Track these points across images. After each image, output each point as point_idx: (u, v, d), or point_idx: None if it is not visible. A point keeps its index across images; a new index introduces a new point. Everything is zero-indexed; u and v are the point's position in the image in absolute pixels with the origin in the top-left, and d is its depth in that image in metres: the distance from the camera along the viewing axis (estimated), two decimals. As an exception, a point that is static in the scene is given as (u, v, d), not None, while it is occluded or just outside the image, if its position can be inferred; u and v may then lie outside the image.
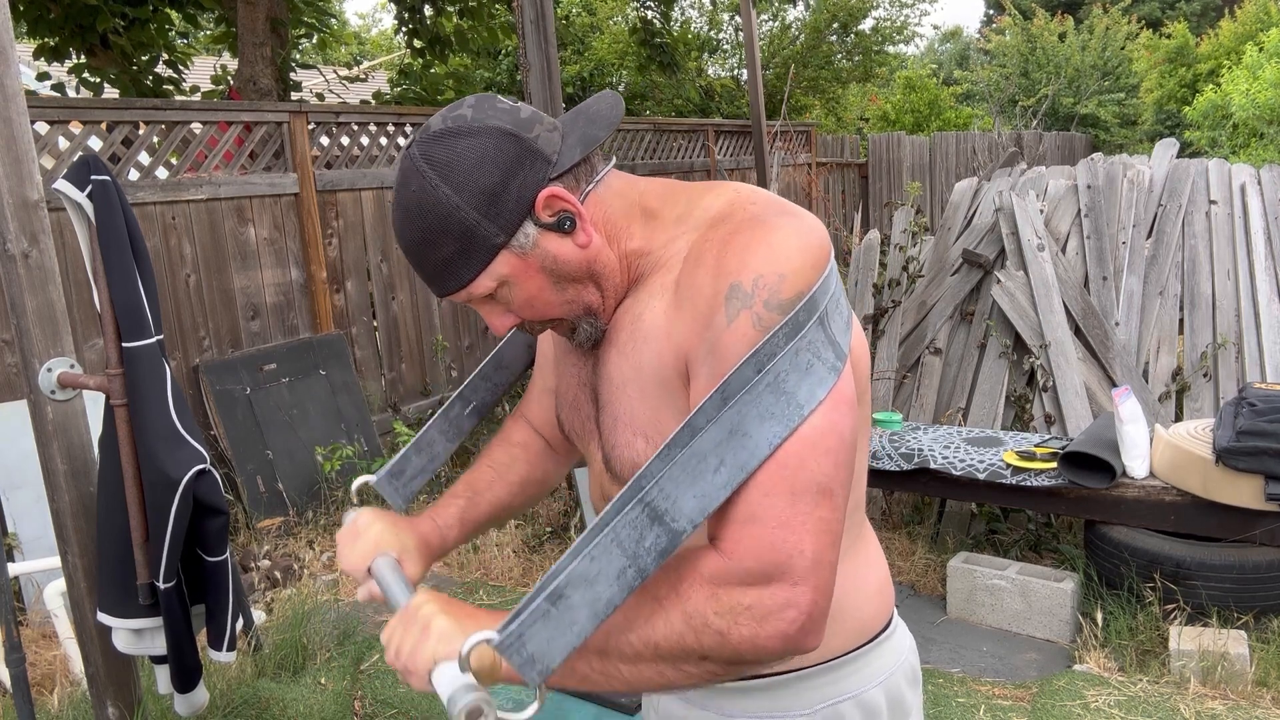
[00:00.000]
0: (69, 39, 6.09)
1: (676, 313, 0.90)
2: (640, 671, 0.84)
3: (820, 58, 12.73)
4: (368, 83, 11.30)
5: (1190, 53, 16.30)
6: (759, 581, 0.80)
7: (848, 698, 1.02)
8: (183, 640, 2.10)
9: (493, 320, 0.99)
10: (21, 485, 3.50)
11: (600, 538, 0.79)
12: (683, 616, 0.81)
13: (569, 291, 0.97)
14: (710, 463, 0.80)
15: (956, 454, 3.24)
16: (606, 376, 0.99)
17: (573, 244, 0.94)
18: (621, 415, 0.97)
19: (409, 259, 0.96)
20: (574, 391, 1.09)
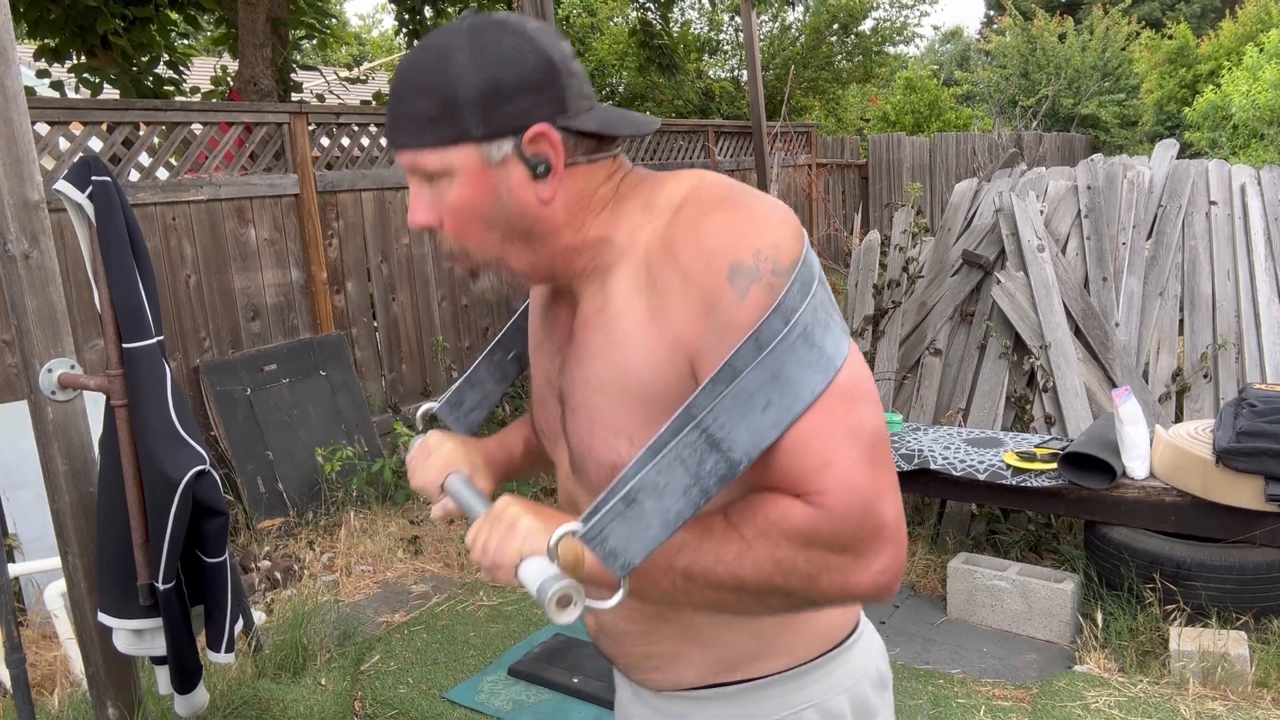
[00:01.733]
0: (69, 40, 6.09)
1: (663, 312, 0.89)
2: (723, 597, 0.87)
3: (820, 58, 12.72)
4: (368, 84, 11.30)
5: (1190, 53, 16.30)
6: (850, 534, 0.83)
7: (810, 705, 1.01)
8: (182, 641, 2.10)
9: (414, 207, 0.96)
10: (22, 485, 3.50)
11: (664, 454, 0.81)
12: (771, 560, 0.84)
13: (496, 234, 0.94)
14: (758, 401, 0.82)
15: (957, 455, 3.24)
16: (580, 379, 0.97)
17: (534, 193, 0.92)
18: (599, 416, 0.95)
19: (390, 98, 0.93)
20: (542, 389, 1.07)
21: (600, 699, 2.68)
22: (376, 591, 3.71)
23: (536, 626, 3.19)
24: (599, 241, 0.96)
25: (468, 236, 0.95)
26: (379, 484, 4.49)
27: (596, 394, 0.95)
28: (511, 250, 0.96)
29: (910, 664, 2.90)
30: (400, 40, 9.55)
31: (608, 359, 0.93)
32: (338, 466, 4.32)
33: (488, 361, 1.22)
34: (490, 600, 3.42)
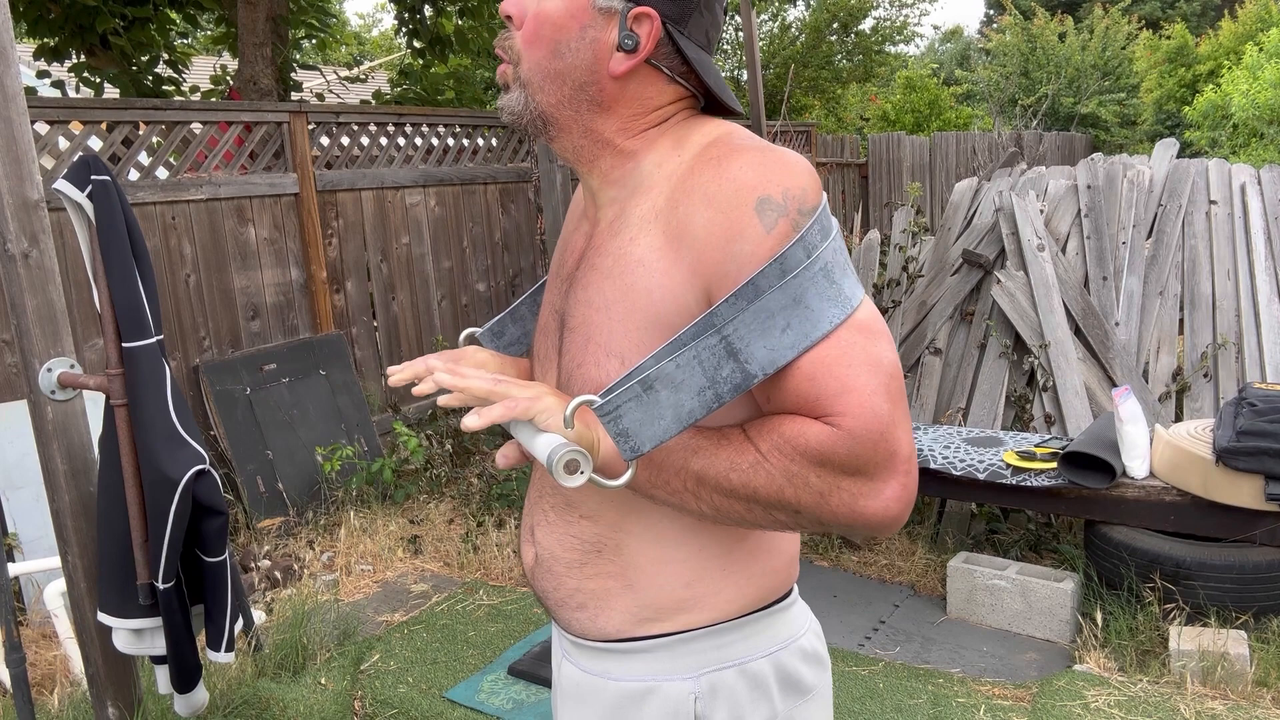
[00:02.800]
0: (69, 39, 6.09)
1: (683, 236, 0.90)
2: (732, 505, 0.89)
3: (820, 58, 12.72)
4: (368, 83, 11.30)
5: (1190, 53, 16.29)
6: (865, 457, 0.84)
7: (731, 665, 1.00)
8: (182, 640, 2.10)
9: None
10: (21, 485, 3.50)
11: (684, 351, 0.84)
12: (785, 474, 0.86)
13: (556, 63, 0.96)
14: (778, 322, 0.84)
15: (956, 454, 3.24)
16: (583, 299, 0.97)
17: (609, 59, 0.95)
18: (596, 335, 0.95)
19: None
20: (546, 316, 1.08)
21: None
22: (376, 591, 3.71)
23: (536, 626, 3.19)
24: (628, 155, 0.99)
25: (534, 47, 0.96)
26: (379, 483, 4.49)
27: (598, 313, 0.95)
28: (554, 87, 0.97)
29: (910, 663, 2.90)
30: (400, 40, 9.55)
31: (616, 280, 0.94)
32: (338, 466, 4.32)
33: (531, 300, 1.22)
34: (490, 600, 3.42)
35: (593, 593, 1.03)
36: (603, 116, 0.98)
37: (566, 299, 1.01)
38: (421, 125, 5.64)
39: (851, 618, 3.23)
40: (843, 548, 3.75)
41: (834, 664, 2.81)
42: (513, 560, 3.82)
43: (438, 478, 4.70)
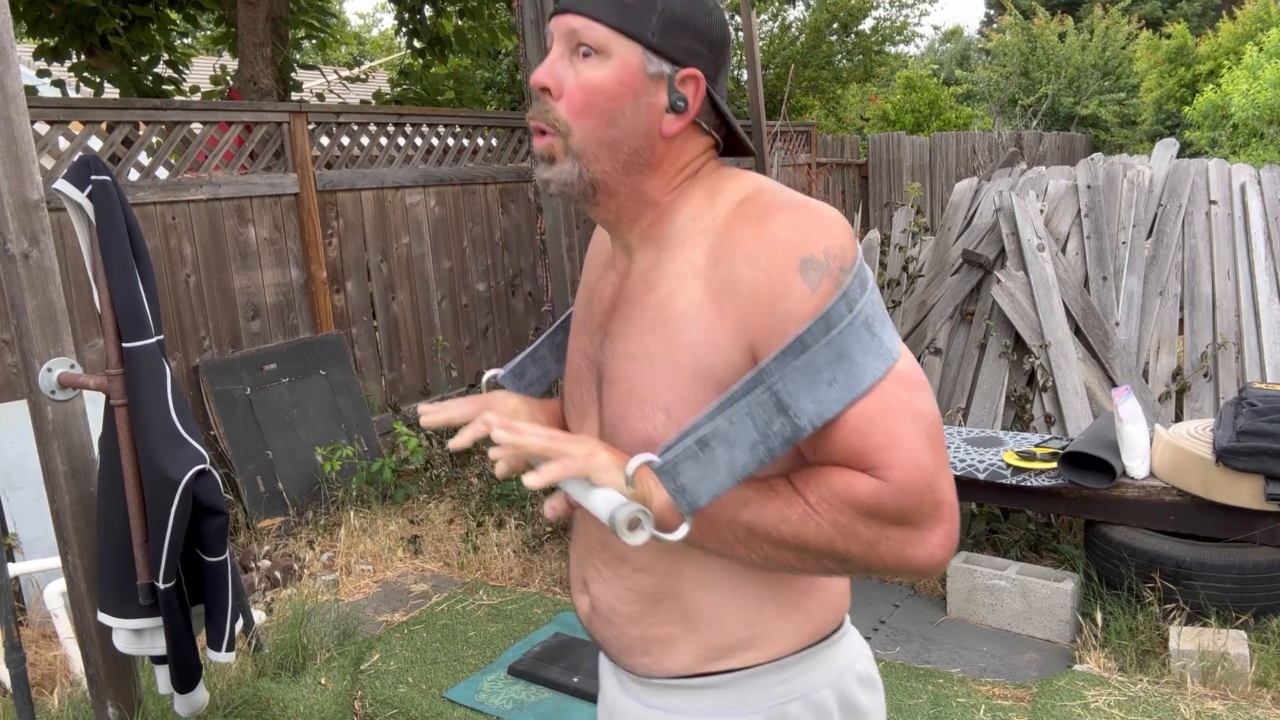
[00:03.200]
0: (69, 39, 6.10)
1: (727, 294, 0.91)
2: (782, 555, 0.91)
3: (820, 58, 12.72)
4: (368, 83, 11.30)
5: (1190, 53, 16.30)
6: (912, 508, 0.87)
7: (796, 698, 1.02)
8: (182, 640, 2.10)
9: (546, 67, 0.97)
10: (22, 485, 3.50)
11: (736, 406, 0.86)
12: (834, 526, 0.88)
13: (611, 132, 0.96)
14: (825, 377, 0.86)
15: (956, 454, 3.24)
16: (623, 352, 0.99)
17: (660, 122, 0.97)
18: (640, 388, 0.97)
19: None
20: (578, 362, 1.09)
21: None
22: (376, 591, 3.71)
23: (536, 626, 3.19)
24: (666, 210, 1.00)
25: (586, 117, 0.96)
26: (379, 483, 4.49)
27: (641, 366, 0.97)
28: (610, 155, 0.97)
29: (910, 663, 2.90)
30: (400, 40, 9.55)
31: (659, 333, 0.95)
32: (337, 466, 4.32)
33: (550, 341, 1.24)
34: (490, 600, 3.42)
35: (656, 639, 1.04)
36: (650, 177, 0.99)
37: (602, 350, 1.03)
38: (421, 125, 5.64)
39: (852, 618, 3.23)
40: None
41: None
42: (512, 560, 3.82)
43: (438, 478, 4.70)
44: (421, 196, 5.55)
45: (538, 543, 3.92)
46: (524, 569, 3.77)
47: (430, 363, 5.61)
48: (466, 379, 5.80)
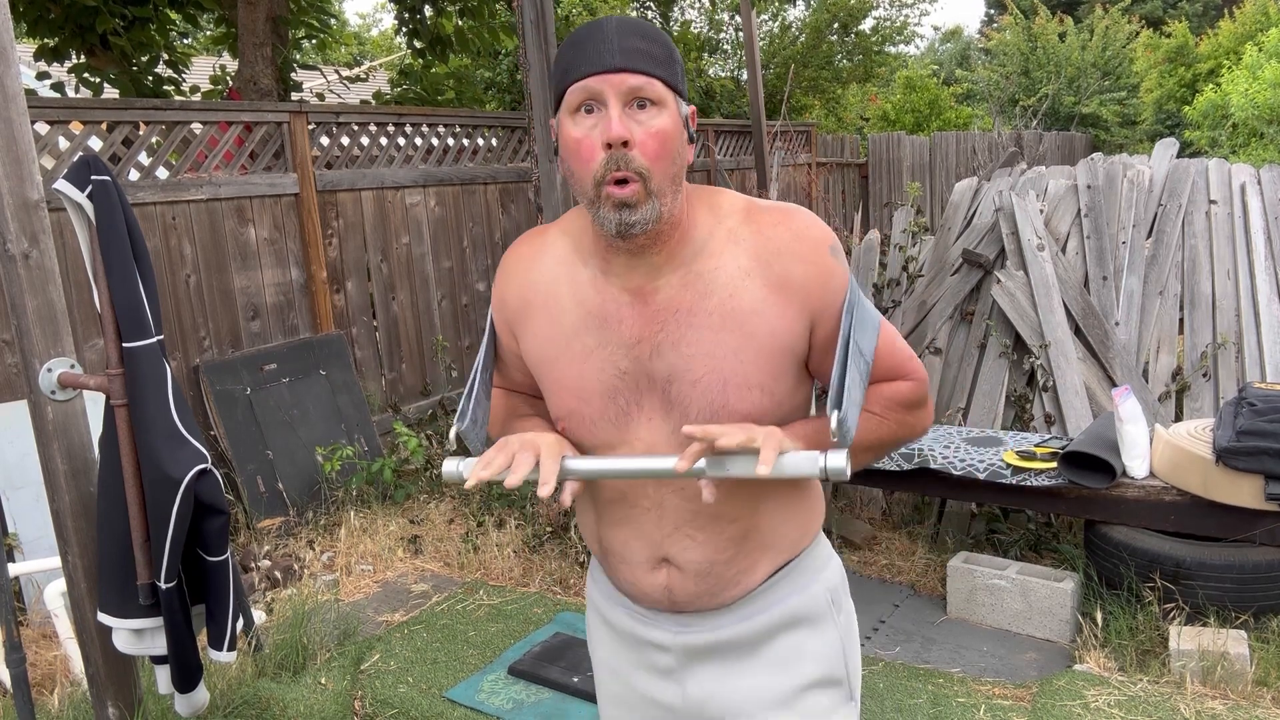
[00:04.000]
0: (69, 39, 6.09)
1: (787, 286, 1.16)
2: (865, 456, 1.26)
3: (820, 58, 12.72)
4: (368, 83, 11.29)
5: (1190, 52, 16.29)
6: (925, 394, 1.28)
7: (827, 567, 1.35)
8: (183, 640, 2.11)
9: (617, 123, 1.08)
10: (22, 485, 3.51)
11: (850, 363, 1.10)
12: (898, 422, 1.26)
13: (674, 169, 1.13)
14: (867, 323, 1.15)
15: (956, 454, 3.24)
16: (701, 353, 1.16)
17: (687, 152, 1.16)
18: (732, 377, 1.15)
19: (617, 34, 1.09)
20: (608, 380, 1.20)
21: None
22: (376, 591, 3.71)
23: (536, 626, 3.19)
24: (681, 227, 1.17)
25: (660, 160, 1.10)
26: (379, 483, 4.49)
27: (726, 359, 1.15)
28: (672, 189, 1.13)
29: (910, 663, 2.90)
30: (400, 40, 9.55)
31: (734, 330, 1.15)
32: (338, 466, 4.32)
33: (484, 383, 1.32)
34: (490, 600, 3.42)
35: (744, 569, 1.27)
36: (678, 197, 1.15)
37: (653, 360, 1.18)
38: (421, 125, 5.64)
39: (851, 617, 3.23)
40: (843, 548, 3.75)
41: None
42: (512, 560, 3.82)
43: (438, 478, 4.70)
44: (421, 196, 5.55)
45: (538, 543, 3.92)
46: (524, 569, 3.77)
47: (430, 362, 5.61)
48: (466, 378, 5.79)
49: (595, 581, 1.41)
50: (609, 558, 1.31)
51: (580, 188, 1.12)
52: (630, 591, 1.30)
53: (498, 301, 1.29)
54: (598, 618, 1.41)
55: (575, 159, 1.11)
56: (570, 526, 3.94)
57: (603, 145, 1.08)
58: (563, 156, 1.15)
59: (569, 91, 1.11)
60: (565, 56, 1.12)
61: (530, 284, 1.25)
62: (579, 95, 1.09)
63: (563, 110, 1.12)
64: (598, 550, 1.35)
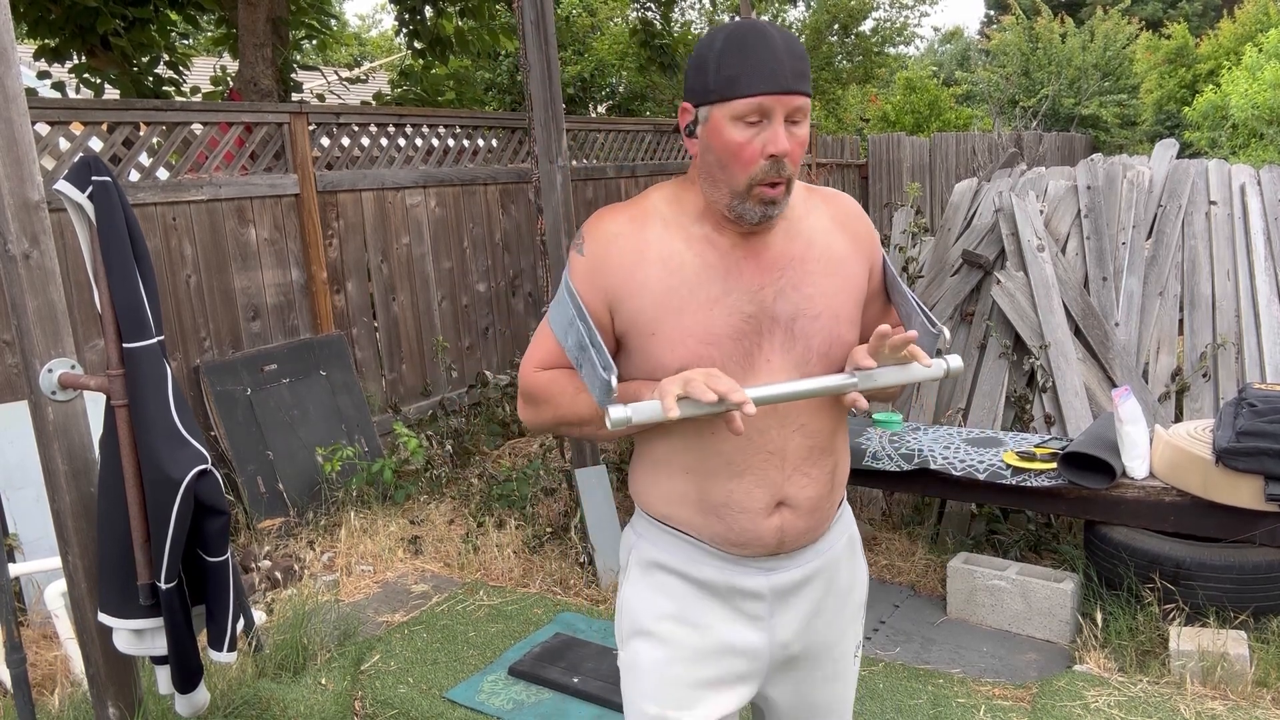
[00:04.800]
0: (69, 40, 6.09)
1: (858, 244, 1.40)
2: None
3: (820, 59, 12.72)
4: (368, 83, 11.30)
5: (1190, 53, 16.30)
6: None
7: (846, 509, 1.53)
8: (184, 641, 2.11)
9: (780, 138, 1.23)
10: (22, 486, 3.51)
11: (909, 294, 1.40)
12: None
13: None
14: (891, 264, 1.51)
15: (956, 454, 3.25)
16: (819, 292, 1.33)
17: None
18: (841, 312, 1.35)
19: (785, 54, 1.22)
20: (736, 325, 1.30)
21: (600, 699, 2.68)
22: (376, 591, 3.71)
23: (536, 626, 3.20)
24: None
25: (798, 163, 1.27)
26: (379, 484, 4.49)
27: (836, 298, 1.35)
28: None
29: (910, 664, 2.91)
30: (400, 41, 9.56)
31: (835, 274, 1.36)
32: (338, 466, 4.32)
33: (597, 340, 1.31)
34: (490, 600, 3.42)
35: (834, 501, 1.43)
36: None
37: (781, 301, 1.32)
38: (422, 126, 5.64)
39: (851, 618, 3.23)
40: (843, 548, 3.75)
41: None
42: (513, 560, 3.82)
43: (438, 478, 4.70)
44: (422, 197, 5.55)
45: (538, 543, 3.93)
46: (524, 569, 3.77)
47: (431, 363, 5.61)
48: (466, 379, 5.80)
49: (661, 546, 1.42)
50: (722, 511, 1.35)
51: (730, 183, 1.26)
52: (740, 539, 1.36)
53: (594, 265, 1.31)
54: (663, 575, 1.41)
55: (735, 161, 1.24)
56: (570, 527, 3.94)
57: (766, 155, 1.23)
58: (714, 151, 1.26)
59: (740, 102, 1.21)
60: (732, 63, 1.22)
61: (645, 241, 1.31)
62: (750, 109, 1.21)
63: (724, 112, 1.23)
64: (693, 508, 1.37)
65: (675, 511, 1.39)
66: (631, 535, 1.48)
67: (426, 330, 5.61)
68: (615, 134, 7.39)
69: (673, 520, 1.40)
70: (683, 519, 1.39)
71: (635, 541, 1.46)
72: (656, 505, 1.41)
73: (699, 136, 1.28)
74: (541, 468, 4.48)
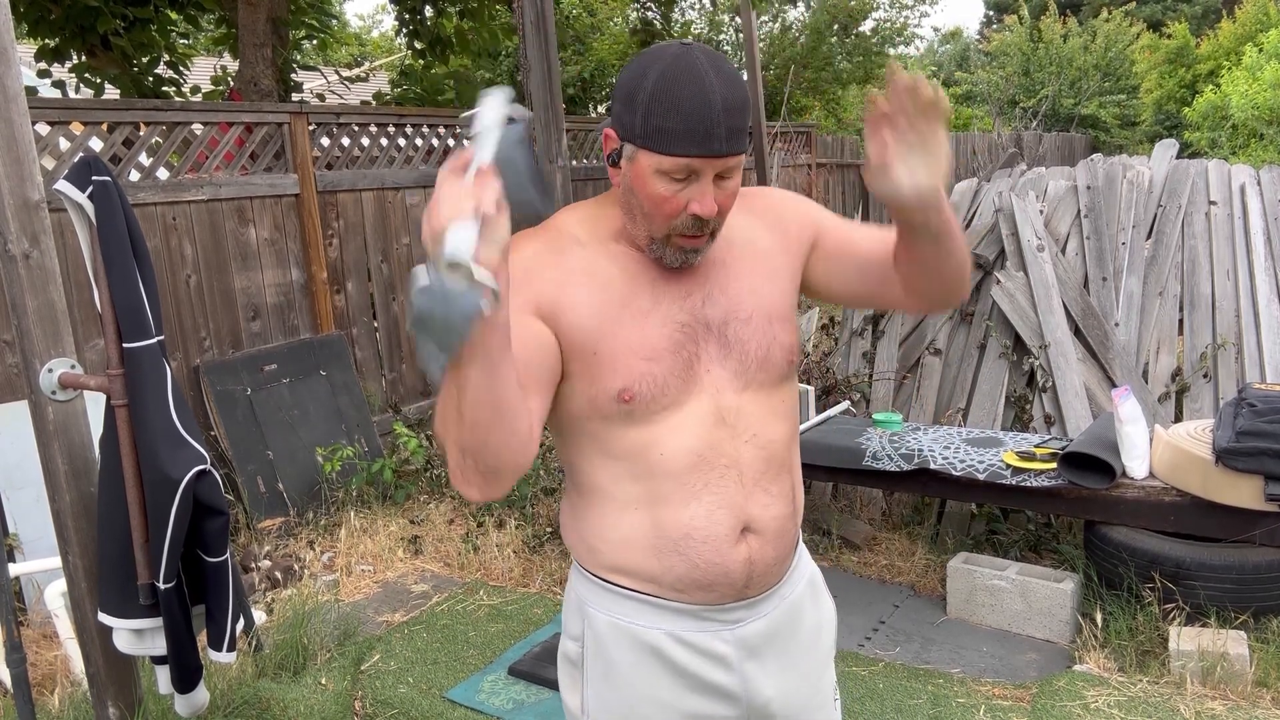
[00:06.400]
0: (70, 40, 6.09)
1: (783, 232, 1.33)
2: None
3: (820, 59, 12.72)
4: (368, 83, 11.29)
5: (1190, 53, 16.30)
6: None
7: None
8: (183, 641, 2.11)
9: (707, 199, 1.16)
10: (22, 485, 3.51)
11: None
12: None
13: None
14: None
15: (956, 454, 3.25)
16: (746, 291, 1.26)
17: None
18: (773, 310, 1.28)
19: (725, 114, 1.13)
20: (672, 335, 1.22)
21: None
22: (377, 591, 3.71)
23: (536, 626, 3.19)
24: None
25: (726, 213, 1.21)
26: (379, 484, 4.49)
27: (764, 295, 1.28)
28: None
29: (910, 663, 2.91)
30: (400, 41, 9.56)
31: (761, 268, 1.29)
32: (338, 466, 4.32)
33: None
34: (490, 600, 3.42)
35: (795, 526, 1.33)
36: None
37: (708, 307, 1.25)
38: (422, 126, 5.64)
39: (851, 618, 3.24)
40: (843, 548, 3.75)
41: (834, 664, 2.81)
42: (513, 560, 3.82)
43: (438, 478, 4.70)
44: (422, 197, 5.55)
45: (538, 543, 3.93)
46: (524, 569, 3.77)
47: (430, 363, 5.60)
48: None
49: (617, 614, 1.27)
50: (683, 545, 1.22)
51: (650, 228, 1.19)
52: (706, 578, 1.23)
53: (530, 296, 1.17)
54: (634, 648, 1.27)
55: (656, 210, 1.16)
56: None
57: (690, 213, 1.16)
58: (635, 195, 1.18)
59: (667, 159, 1.12)
60: (661, 113, 1.11)
61: (565, 260, 1.22)
62: (677, 167, 1.13)
63: (649, 162, 1.13)
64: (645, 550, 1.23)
65: (625, 560, 1.24)
66: (577, 607, 1.31)
67: (426, 330, 5.61)
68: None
69: (623, 575, 1.25)
70: (634, 568, 1.24)
71: (586, 613, 1.30)
72: (603, 557, 1.26)
73: (622, 170, 1.18)
74: (541, 467, 4.48)
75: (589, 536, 1.27)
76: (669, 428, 1.20)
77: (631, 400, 1.19)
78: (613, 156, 1.19)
